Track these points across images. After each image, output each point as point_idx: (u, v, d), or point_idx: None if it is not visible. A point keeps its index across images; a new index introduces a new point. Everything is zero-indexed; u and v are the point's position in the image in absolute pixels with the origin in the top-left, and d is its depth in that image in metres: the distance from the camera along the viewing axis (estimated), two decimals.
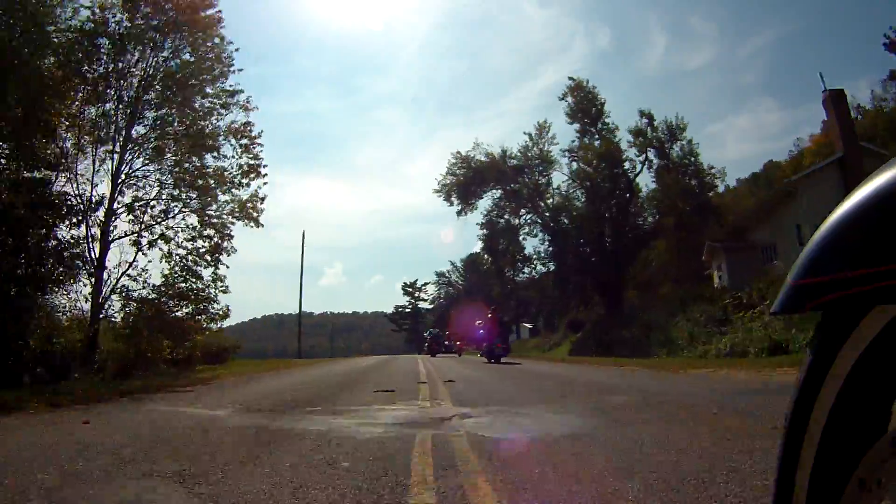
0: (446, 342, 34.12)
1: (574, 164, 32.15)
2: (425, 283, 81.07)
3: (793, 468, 0.70)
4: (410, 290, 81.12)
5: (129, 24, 11.55)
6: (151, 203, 11.94)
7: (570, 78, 34.30)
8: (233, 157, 12.98)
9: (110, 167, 11.39)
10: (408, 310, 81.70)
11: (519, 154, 32.57)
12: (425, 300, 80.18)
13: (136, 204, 11.73)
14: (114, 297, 11.15)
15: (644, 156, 32.64)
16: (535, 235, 31.14)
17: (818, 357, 0.69)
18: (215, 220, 12.54)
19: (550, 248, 30.30)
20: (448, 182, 31.28)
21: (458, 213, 31.70)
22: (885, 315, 0.62)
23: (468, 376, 9.57)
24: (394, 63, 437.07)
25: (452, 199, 31.37)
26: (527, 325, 62.72)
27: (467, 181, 30.95)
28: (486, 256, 74.41)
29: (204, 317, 12.05)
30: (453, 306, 66.60)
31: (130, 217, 11.71)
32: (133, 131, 11.85)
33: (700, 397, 5.98)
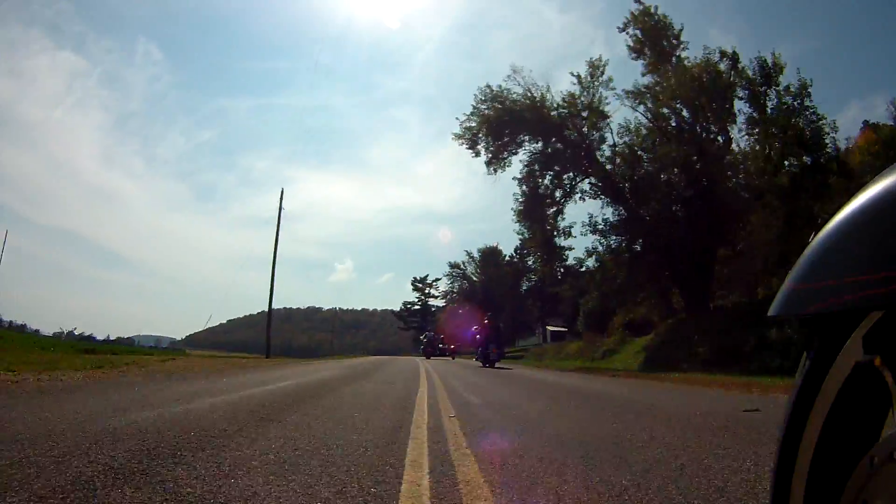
0: (440, 345, 34.96)
1: (638, 112, 24.01)
2: (436, 279, 74.21)
3: (789, 475, 0.68)
4: (420, 285, 74.26)
5: None
6: None
7: (637, 1, 26.09)
8: None
9: None
10: (417, 307, 74.84)
11: (564, 103, 24.36)
12: (436, 296, 73.10)
13: None
14: None
15: (728, 104, 24.55)
16: (591, 199, 22.71)
17: (816, 362, 0.67)
18: None
19: (613, 218, 21.99)
20: (473, 124, 23.01)
21: (488, 166, 23.29)
22: (882, 321, 0.61)
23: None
24: (410, 62, 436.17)
25: (479, 145, 22.97)
26: (554, 327, 54.42)
27: (500, 121, 22.58)
28: (504, 251, 66.78)
29: None
30: (468, 302, 59.59)
31: None
32: None
33: None
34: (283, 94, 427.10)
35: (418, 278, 74.70)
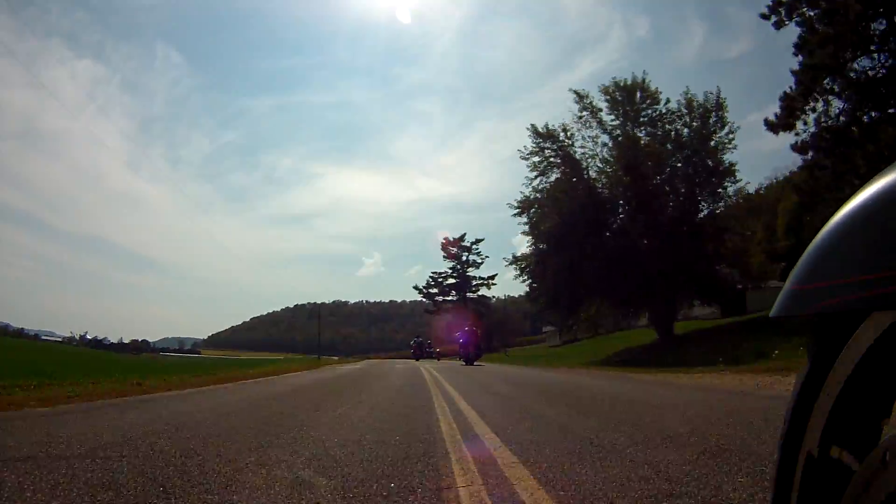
0: (428, 349, 38.62)
1: None
2: (478, 241, 54.62)
3: (790, 475, 0.68)
4: (454, 250, 54.30)
5: None
6: None
7: None
8: None
9: None
10: (451, 279, 54.87)
11: None
12: (478, 263, 53.60)
13: None
14: None
15: None
16: None
17: (816, 363, 0.68)
18: None
19: None
20: None
21: None
22: (883, 321, 0.60)
23: None
24: (429, 53, 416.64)
25: None
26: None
27: None
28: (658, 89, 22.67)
29: None
30: (580, 210, 22.88)
31: None
32: None
33: None
34: (303, 91, 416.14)
35: (451, 239, 54.34)
